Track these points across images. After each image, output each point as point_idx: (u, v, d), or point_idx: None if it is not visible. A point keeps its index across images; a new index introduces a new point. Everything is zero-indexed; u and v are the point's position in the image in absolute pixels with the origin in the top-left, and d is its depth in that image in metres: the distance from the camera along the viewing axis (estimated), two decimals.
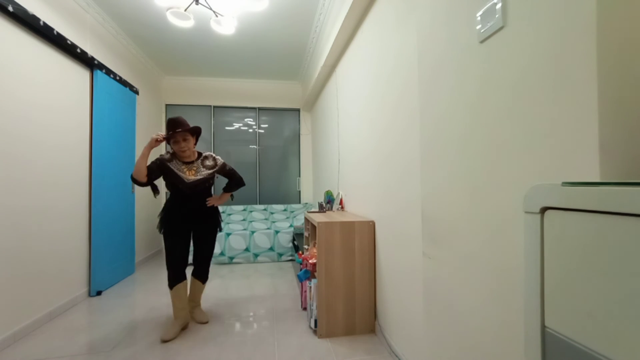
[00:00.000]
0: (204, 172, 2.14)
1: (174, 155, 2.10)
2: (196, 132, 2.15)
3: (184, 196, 2.10)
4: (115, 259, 3.05)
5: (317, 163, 4.52)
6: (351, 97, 2.60)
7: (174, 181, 2.06)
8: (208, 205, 2.20)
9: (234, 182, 2.30)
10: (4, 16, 1.90)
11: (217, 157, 2.25)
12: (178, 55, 3.91)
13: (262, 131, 4.98)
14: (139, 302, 2.60)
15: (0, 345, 1.82)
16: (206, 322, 2.21)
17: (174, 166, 2.07)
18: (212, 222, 2.26)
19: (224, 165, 2.23)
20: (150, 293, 2.80)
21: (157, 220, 2.15)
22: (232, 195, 2.39)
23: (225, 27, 2.65)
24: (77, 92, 2.62)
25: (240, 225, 4.12)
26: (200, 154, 2.20)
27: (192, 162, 2.14)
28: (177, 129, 2.01)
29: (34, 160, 2.13)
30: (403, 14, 1.60)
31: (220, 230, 2.37)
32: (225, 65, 4.22)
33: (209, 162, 2.19)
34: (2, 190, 1.86)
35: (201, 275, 2.26)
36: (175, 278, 2.06)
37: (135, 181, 1.96)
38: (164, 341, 1.93)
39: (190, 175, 2.10)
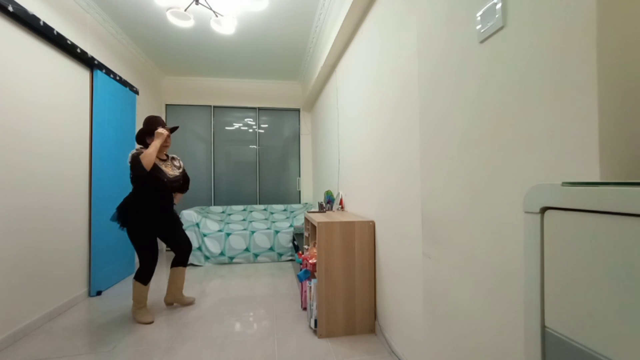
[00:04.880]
0: (177, 171, 2.35)
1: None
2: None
3: (162, 193, 2.26)
4: (115, 259, 3.04)
5: (317, 163, 4.52)
6: (351, 97, 2.60)
7: (158, 175, 2.18)
8: (176, 203, 2.44)
9: (187, 185, 2.50)
10: (4, 16, 1.90)
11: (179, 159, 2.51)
12: (178, 55, 3.91)
13: (262, 131, 4.98)
14: None
15: (0, 345, 1.82)
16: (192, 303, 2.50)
17: (156, 161, 2.22)
18: (177, 220, 2.45)
19: (184, 168, 2.46)
20: (150, 293, 2.80)
21: (116, 212, 2.25)
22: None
23: (225, 27, 2.65)
24: (77, 92, 2.62)
25: (240, 225, 4.11)
26: (167, 154, 2.39)
27: (166, 160, 2.34)
28: (165, 126, 2.26)
29: (34, 160, 2.13)
30: (403, 14, 1.60)
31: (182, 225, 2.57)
32: (225, 65, 4.22)
33: (177, 163, 2.42)
34: (2, 190, 1.86)
35: (184, 261, 2.46)
36: (151, 274, 2.25)
37: (141, 170, 2.05)
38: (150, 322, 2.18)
39: (169, 171, 2.27)
